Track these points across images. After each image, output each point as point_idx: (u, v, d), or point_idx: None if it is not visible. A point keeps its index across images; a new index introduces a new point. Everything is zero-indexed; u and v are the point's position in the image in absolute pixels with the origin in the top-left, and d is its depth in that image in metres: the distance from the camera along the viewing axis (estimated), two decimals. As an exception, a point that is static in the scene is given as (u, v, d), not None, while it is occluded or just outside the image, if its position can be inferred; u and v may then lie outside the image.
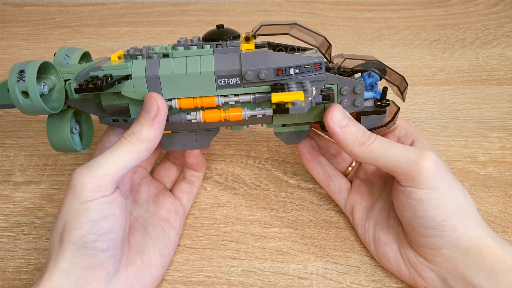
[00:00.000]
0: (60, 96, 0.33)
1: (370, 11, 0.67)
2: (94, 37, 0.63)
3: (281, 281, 0.34)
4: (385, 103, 0.33)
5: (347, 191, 0.37)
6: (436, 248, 0.29)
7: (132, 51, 0.33)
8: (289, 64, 0.30)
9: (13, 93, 0.30)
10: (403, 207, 0.30)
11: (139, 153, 0.30)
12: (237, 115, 0.32)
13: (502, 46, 0.58)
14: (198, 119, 0.32)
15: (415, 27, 0.63)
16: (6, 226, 0.39)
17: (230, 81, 0.31)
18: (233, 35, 0.33)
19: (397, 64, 0.56)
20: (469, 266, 0.28)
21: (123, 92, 0.32)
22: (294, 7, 0.69)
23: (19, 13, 0.70)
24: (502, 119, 0.47)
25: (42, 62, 0.31)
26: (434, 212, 0.29)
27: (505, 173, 0.41)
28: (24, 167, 0.44)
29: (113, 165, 0.29)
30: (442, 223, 0.28)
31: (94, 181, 0.28)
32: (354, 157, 0.31)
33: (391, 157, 0.30)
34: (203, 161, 0.39)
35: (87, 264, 0.27)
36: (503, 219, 0.37)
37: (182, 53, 0.32)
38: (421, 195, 0.29)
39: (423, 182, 0.29)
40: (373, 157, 0.30)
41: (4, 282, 0.34)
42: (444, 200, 0.29)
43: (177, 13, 0.68)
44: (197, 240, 0.37)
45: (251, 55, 0.31)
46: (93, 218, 0.27)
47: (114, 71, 0.31)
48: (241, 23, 0.65)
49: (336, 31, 0.63)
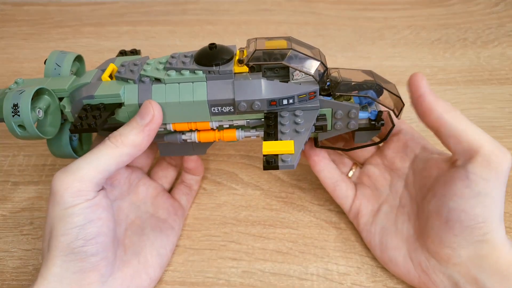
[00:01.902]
0: (55, 118, 0.33)
1: (371, 10, 0.67)
2: (93, 37, 0.63)
3: (282, 282, 0.34)
4: (380, 125, 0.33)
5: (352, 196, 0.36)
6: (456, 248, 0.29)
7: (124, 71, 0.32)
8: (283, 95, 0.30)
9: (10, 127, 0.30)
10: (453, 195, 0.29)
11: (120, 156, 0.29)
12: (231, 136, 0.32)
13: (503, 45, 0.58)
14: (193, 139, 0.32)
15: (416, 27, 0.62)
16: (5, 226, 0.38)
17: (223, 109, 0.31)
18: (226, 57, 0.31)
19: (398, 64, 0.55)
20: (484, 270, 0.28)
21: (118, 118, 0.32)
22: (295, 6, 0.69)
23: (18, 12, 0.70)
24: (504, 119, 0.47)
25: (34, 91, 0.31)
26: (480, 211, 0.28)
27: (506, 173, 0.41)
28: (23, 167, 0.44)
29: (92, 168, 0.28)
30: (480, 224, 0.28)
31: (73, 185, 0.27)
32: (439, 123, 0.29)
33: (478, 135, 0.28)
34: (201, 165, 0.39)
35: (78, 269, 0.27)
36: (505, 219, 0.37)
37: (174, 79, 0.31)
38: (484, 189, 0.28)
39: (498, 175, 0.28)
40: (461, 128, 0.29)
41: (3, 283, 0.34)
42: (497, 203, 0.28)
43: (177, 12, 0.68)
44: (196, 240, 0.37)
45: (245, 84, 0.30)
46: (79, 224, 0.27)
47: (106, 100, 0.31)
48: (241, 23, 0.65)
49: (337, 31, 0.62)
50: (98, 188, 0.29)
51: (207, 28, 0.64)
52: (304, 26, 0.64)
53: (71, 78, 0.34)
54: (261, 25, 0.64)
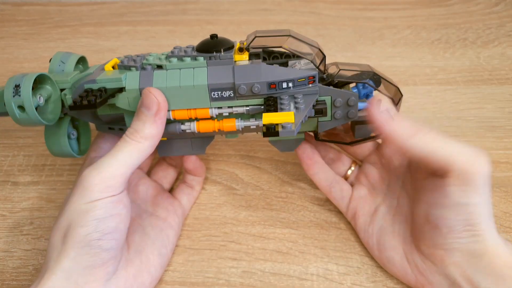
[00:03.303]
0: (56, 106, 0.33)
1: (371, 10, 0.67)
2: (93, 37, 0.63)
3: (282, 282, 0.34)
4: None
5: (349, 196, 0.36)
6: (450, 250, 0.29)
7: (126, 61, 0.33)
8: (282, 78, 0.30)
9: (10, 107, 0.30)
10: (434, 203, 0.29)
11: (145, 150, 0.30)
12: (231, 126, 0.32)
13: (503, 45, 0.58)
14: (192, 129, 0.32)
15: (416, 27, 0.62)
16: (5, 226, 0.38)
17: (223, 94, 0.31)
18: (227, 46, 0.32)
19: (398, 63, 0.55)
20: (479, 271, 0.28)
21: (118, 104, 0.32)
22: (295, 6, 0.69)
23: (18, 12, 0.70)
24: (504, 119, 0.47)
25: (37, 75, 0.31)
26: (467, 216, 0.28)
27: (506, 173, 0.41)
28: (23, 167, 0.44)
29: (122, 164, 0.29)
30: (469, 227, 0.28)
31: (103, 182, 0.28)
32: (405, 150, 0.29)
33: (448, 152, 0.28)
34: (201, 166, 0.39)
35: (89, 264, 0.27)
36: (505, 219, 0.37)
37: (175, 65, 0.31)
38: (463, 198, 0.28)
39: (476, 185, 0.27)
40: (428, 150, 0.28)
41: (3, 283, 0.34)
42: (481, 206, 0.28)
43: (177, 12, 0.68)
44: (196, 240, 0.37)
45: (244, 68, 0.31)
46: (98, 217, 0.27)
47: (108, 84, 0.31)
48: (241, 23, 0.65)
49: (337, 31, 0.62)
50: (125, 184, 0.29)
51: (207, 28, 0.64)
52: (304, 26, 0.64)
53: (74, 73, 0.34)
54: (261, 25, 0.64)
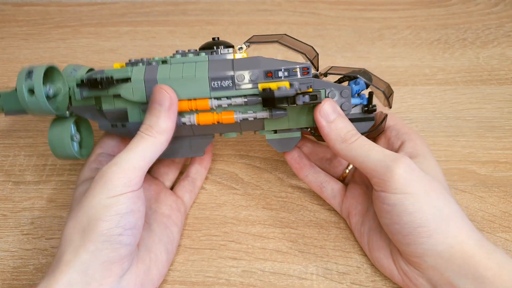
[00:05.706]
0: (64, 100, 0.35)
1: (370, 10, 0.67)
2: (93, 37, 0.63)
3: (281, 282, 0.34)
4: (372, 108, 0.34)
5: (341, 195, 0.37)
6: (418, 256, 0.29)
7: (134, 60, 0.35)
8: (278, 67, 0.32)
9: (20, 91, 0.32)
10: (379, 212, 0.30)
11: (160, 144, 0.30)
12: (230, 118, 0.33)
13: (502, 46, 0.58)
14: (192, 121, 0.33)
15: (415, 27, 0.62)
16: (6, 226, 0.39)
17: (223, 84, 0.32)
18: (227, 45, 0.35)
19: (397, 64, 0.55)
20: (455, 273, 0.28)
21: (122, 94, 0.33)
22: (294, 6, 0.69)
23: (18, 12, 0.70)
24: (503, 119, 0.47)
25: (50, 66, 0.33)
26: (409, 218, 0.28)
27: (505, 173, 0.41)
28: (24, 167, 0.44)
29: (141, 159, 0.29)
30: (418, 229, 0.28)
31: (125, 175, 0.28)
32: (335, 153, 0.32)
33: (368, 159, 0.30)
34: (210, 152, 0.40)
35: (107, 259, 0.27)
36: (504, 219, 0.37)
37: (179, 59, 0.34)
38: (394, 200, 0.28)
39: (395, 187, 0.28)
40: (352, 156, 0.30)
41: (3, 283, 0.34)
42: (419, 206, 0.28)
43: (177, 13, 0.68)
44: (197, 240, 0.37)
45: (243, 60, 0.33)
46: (121, 212, 0.28)
47: (115, 74, 0.33)
48: (241, 23, 0.65)
49: (337, 31, 0.63)
50: (143, 180, 0.29)
51: (207, 28, 0.64)
52: (304, 27, 0.64)
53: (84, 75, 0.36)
54: (261, 26, 0.64)
